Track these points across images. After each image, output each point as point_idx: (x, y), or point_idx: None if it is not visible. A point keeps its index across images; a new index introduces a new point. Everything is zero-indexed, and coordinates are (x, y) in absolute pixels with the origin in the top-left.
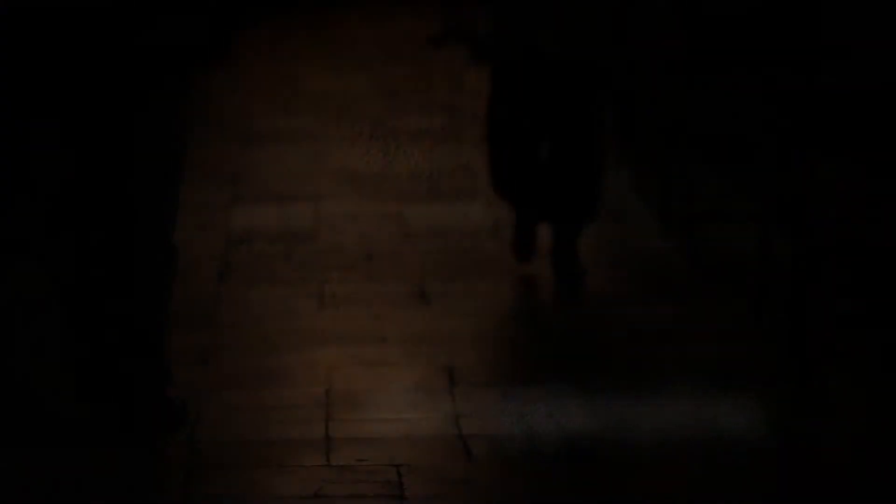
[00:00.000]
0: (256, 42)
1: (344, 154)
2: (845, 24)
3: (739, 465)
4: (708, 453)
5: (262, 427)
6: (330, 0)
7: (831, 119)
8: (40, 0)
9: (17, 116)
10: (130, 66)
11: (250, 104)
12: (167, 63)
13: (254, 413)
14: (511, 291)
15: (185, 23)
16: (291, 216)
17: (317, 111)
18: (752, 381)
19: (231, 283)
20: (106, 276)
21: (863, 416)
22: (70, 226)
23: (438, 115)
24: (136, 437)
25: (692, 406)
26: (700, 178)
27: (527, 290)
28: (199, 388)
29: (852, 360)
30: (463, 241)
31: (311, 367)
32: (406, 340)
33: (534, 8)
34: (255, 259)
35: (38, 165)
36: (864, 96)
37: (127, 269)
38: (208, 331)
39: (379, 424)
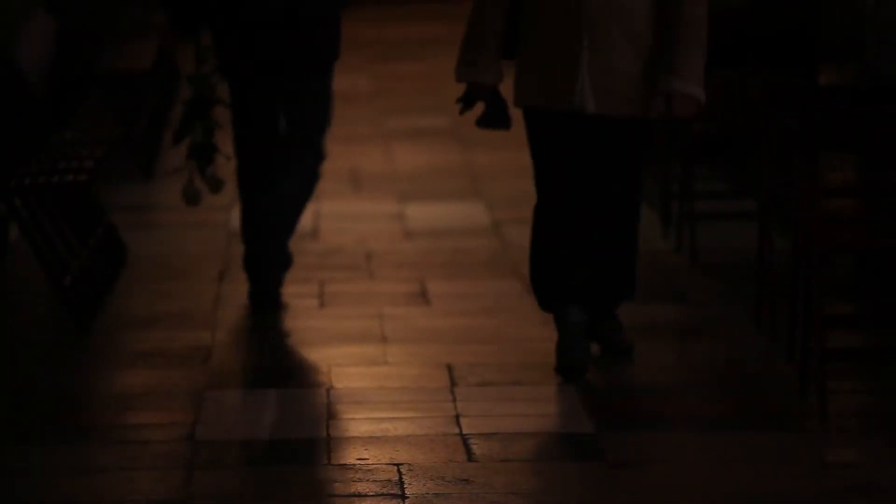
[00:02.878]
0: None
1: (344, 154)
2: (845, 24)
3: (740, 463)
4: (708, 452)
5: (262, 426)
6: None
7: (831, 119)
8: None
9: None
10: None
11: None
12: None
13: (254, 413)
14: (511, 291)
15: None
16: None
17: None
18: (752, 380)
19: (231, 283)
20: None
21: (863, 416)
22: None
23: (438, 115)
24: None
25: (692, 405)
26: (700, 177)
27: (527, 290)
28: (199, 388)
29: (852, 361)
30: (463, 241)
31: (312, 366)
32: (406, 340)
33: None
34: None
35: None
36: (863, 95)
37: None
38: (208, 331)
39: (379, 424)
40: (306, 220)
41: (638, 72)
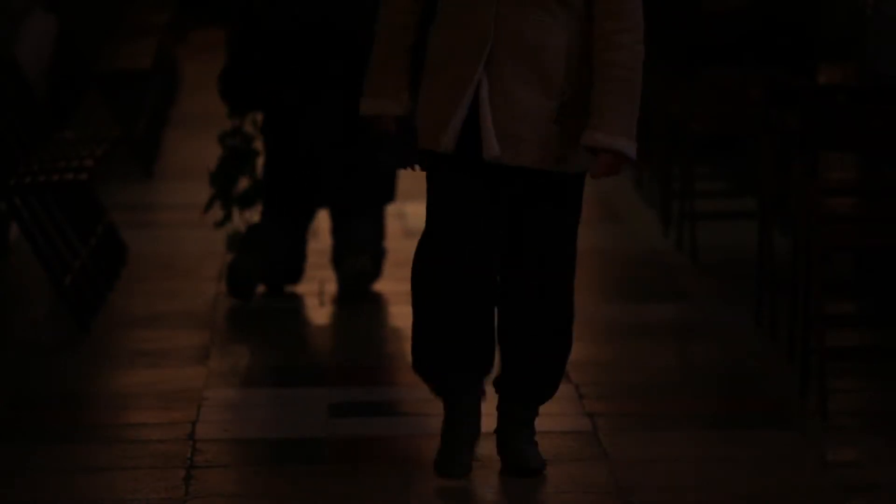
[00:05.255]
0: None
1: None
2: (845, 23)
3: (740, 463)
4: (709, 452)
5: (262, 427)
6: None
7: (832, 118)
8: None
9: None
10: None
11: None
12: None
13: (254, 413)
14: None
15: None
16: None
17: None
18: (752, 381)
19: None
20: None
21: (863, 415)
22: None
23: None
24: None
25: (692, 405)
26: (700, 177)
27: None
28: (199, 388)
29: (852, 361)
30: None
31: (312, 366)
32: (407, 339)
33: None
34: None
35: None
36: (863, 95)
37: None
38: (208, 331)
39: (379, 423)
40: None
41: (550, 115)
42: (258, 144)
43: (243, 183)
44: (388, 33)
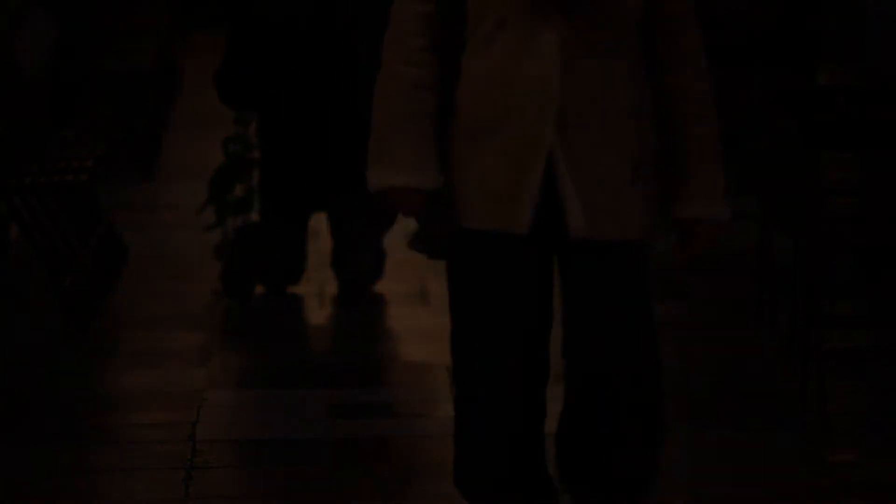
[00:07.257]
0: None
1: None
2: (846, 24)
3: (740, 463)
4: (708, 452)
5: (262, 427)
6: None
7: (832, 118)
8: None
9: None
10: None
11: None
12: None
13: (254, 413)
14: None
15: None
16: None
17: None
18: (752, 381)
19: None
20: None
21: (863, 416)
22: None
23: None
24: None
25: (692, 405)
26: None
27: None
28: (199, 388)
29: (852, 361)
30: None
31: (312, 366)
32: (406, 339)
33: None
34: None
35: None
36: (863, 95)
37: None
38: (208, 331)
39: (379, 424)
40: None
41: (626, 179)
42: (257, 152)
43: (239, 189)
44: (401, 89)
